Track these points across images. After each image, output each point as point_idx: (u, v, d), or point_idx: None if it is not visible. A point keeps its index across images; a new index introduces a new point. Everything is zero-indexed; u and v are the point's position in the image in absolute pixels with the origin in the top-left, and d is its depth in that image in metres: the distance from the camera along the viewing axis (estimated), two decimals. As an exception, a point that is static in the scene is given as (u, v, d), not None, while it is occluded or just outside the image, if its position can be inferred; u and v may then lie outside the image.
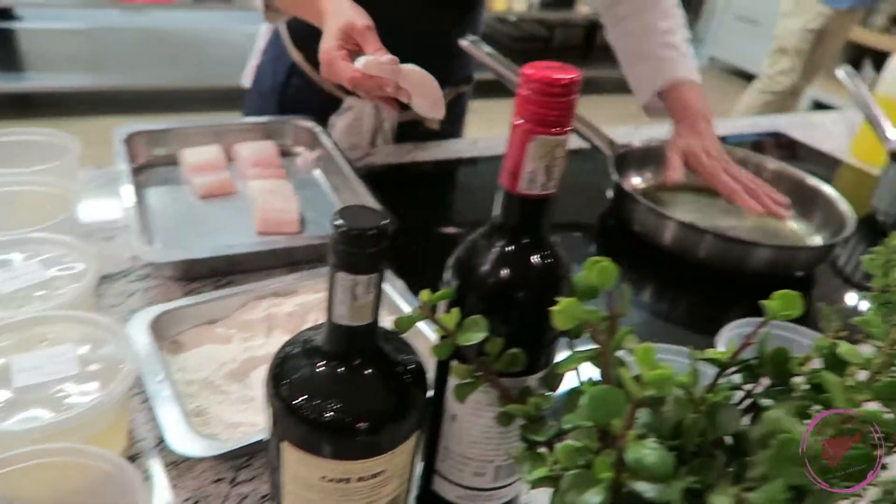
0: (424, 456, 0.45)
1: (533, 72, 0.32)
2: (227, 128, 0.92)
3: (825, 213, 0.94)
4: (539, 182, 0.34)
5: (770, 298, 0.34)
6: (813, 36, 2.85)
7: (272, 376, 0.39)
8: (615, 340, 0.30)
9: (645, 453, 0.26)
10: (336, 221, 0.34)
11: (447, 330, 0.36)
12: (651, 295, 0.86)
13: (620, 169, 0.95)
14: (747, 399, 0.37)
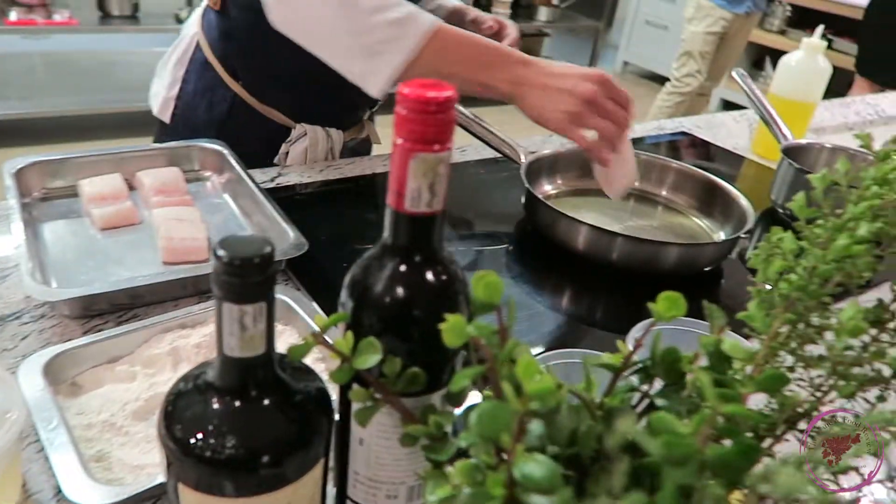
0: (336, 482, 0.44)
1: (409, 91, 0.32)
2: (129, 155, 0.89)
3: (728, 210, 0.98)
4: (424, 200, 0.34)
5: (656, 301, 0.35)
6: (715, 39, 2.99)
7: (164, 416, 0.37)
8: (503, 354, 0.30)
9: (532, 467, 0.26)
10: (218, 252, 0.33)
11: (342, 354, 0.36)
12: (569, 300, 0.87)
13: (532, 177, 0.97)
14: (645, 400, 0.38)
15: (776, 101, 1.22)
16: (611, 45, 5.42)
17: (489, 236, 0.97)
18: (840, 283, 0.37)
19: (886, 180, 0.37)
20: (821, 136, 1.47)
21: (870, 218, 0.37)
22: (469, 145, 1.17)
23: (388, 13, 0.81)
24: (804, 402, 0.36)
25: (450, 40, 0.83)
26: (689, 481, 0.25)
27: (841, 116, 1.63)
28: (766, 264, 0.40)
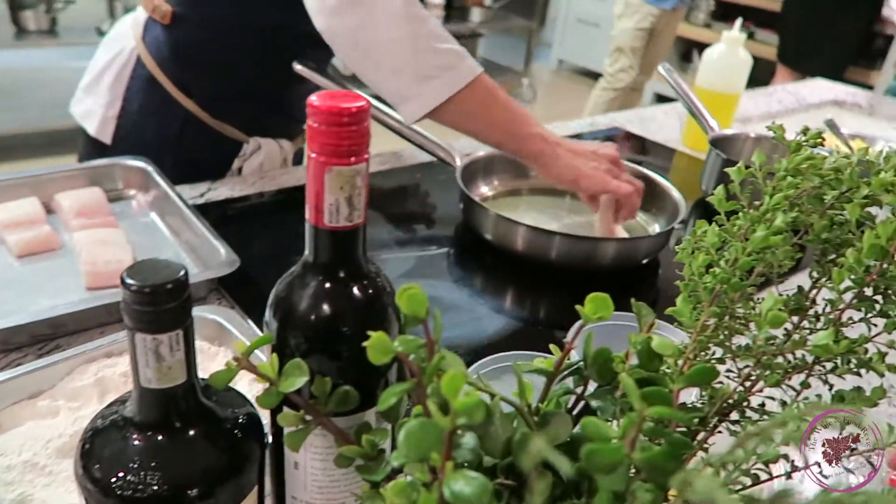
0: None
1: (319, 103, 0.31)
2: (46, 177, 0.85)
3: (661, 202, 1.00)
4: (343, 214, 0.33)
5: (585, 303, 0.35)
6: (645, 34, 3.06)
7: (80, 456, 0.35)
8: (430, 369, 0.29)
9: (461, 485, 0.25)
10: (126, 280, 0.31)
11: (268, 378, 0.34)
12: (512, 301, 0.87)
13: (468, 179, 0.96)
14: (580, 402, 0.38)
15: (702, 94, 1.25)
16: (545, 43, 5.49)
17: (428, 241, 0.96)
18: (762, 274, 0.38)
19: (799, 170, 0.38)
20: (746, 125, 1.52)
21: (786, 208, 0.38)
22: (404, 149, 1.17)
23: (450, 43, 0.82)
24: (734, 394, 0.36)
25: (487, 94, 0.84)
26: (619, 487, 0.25)
27: (765, 105, 1.69)
28: (692, 258, 0.40)
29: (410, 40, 0.79)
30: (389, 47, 0.79)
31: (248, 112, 1.02)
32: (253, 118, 1.02)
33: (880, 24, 3.54)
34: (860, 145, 1.25)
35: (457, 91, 0.81)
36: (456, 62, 0.82)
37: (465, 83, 0.81)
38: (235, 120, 1.01)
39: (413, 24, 0.79)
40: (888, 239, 0.35)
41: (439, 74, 0.80)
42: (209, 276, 0.72)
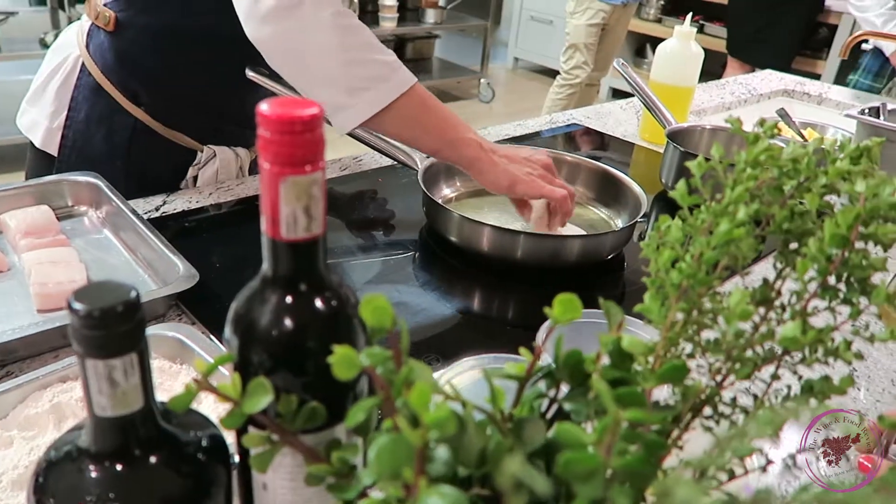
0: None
1: (269, 112, 0.29)
2: (-11, 197, 0.81)
3: (623, 197, 1.00)
4: (301, 225, 0.32)
5: (552, 305, 0.34)
6: (597, 30, 3.10)
7: (34, 491, 0.33)
8: (398, 383, 0.28)
9: (435, 500, 0.24)
10: (74, 305, 0.30)
11: (231, 399, 0.33)
12: (480, 302, 0.87)
13: (430, 181, 0.96)
14: (553, 405, 0.37)
15: (657, 88, 1.27)
16: (501, 42, 5.52)
17: (393, 245, 0.95)
18: (727, 267, 0.38)
19: (758, 162, 0.38)
20: (702, 117, 1.54)
21: (747, 200, 0.38)
22: (364, 154, 1.15)
23: (382, 54, 0.82)
24: (705, 389, 0.36)
25: (421, 102, 0.84)
26: (597, 495, 0.24)
27: (718, 97, 1.72)
28: (657, 254, 0.40)
29: (341, 51, 0.78)
30: (320, 58, 0.78)
31: (201, 120, 0.99)
32: (206, 126, 1.00)
33: (824, 15, 3.64)
34: (812, 133, 1.28)
35: (389, 102, 0.81)
36: (388, 74, 0.81)
37: (397, 95, 0.81)
38: (188, 128, 0.98)
39: (344, 34, 0.78)
40: (848, 227, 0.36)
41: (372, 86, 0.80)
42: (168, 293, 0.70)
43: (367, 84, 0.80)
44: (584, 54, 3.12)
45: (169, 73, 0.94)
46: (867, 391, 0.72)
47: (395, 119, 0.82)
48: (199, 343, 0.63)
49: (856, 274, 0.36)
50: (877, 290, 0.34)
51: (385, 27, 3.92)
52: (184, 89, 0.96)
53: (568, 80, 3.19)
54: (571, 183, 1.07)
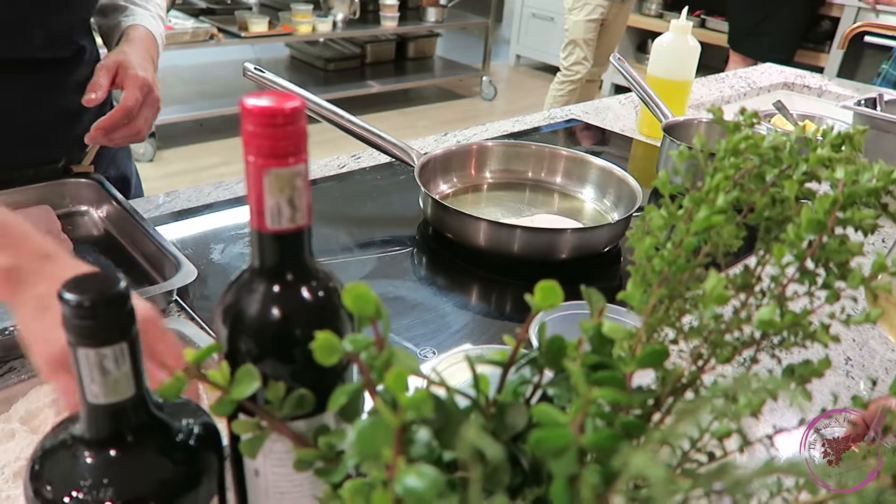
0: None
1: (252, 106, 0.30)
2: (-8, 197, 0.82)
3: (619, 190, 1.01)
4: (285, 216, 0.33)
5: (533, 292, 0.35)
6: (596, 25, 3.09)
7: (30, 479, 0.34)
8: (378, 366, 0.29)
9: (413, 479, 0.25)
10: (65, 295, 0.30)
11: (219, 386, 0.34)
12: (477, 296, 0.87)
13: (427, 177, 0.96)
14: (538, 391, 0.38)
15: (655, 82, 1.27)
16: (503, 40, 5.52)
17: (390, 241, 0.96)
18: (709, 254, 0.38)
19: (738, 150, 0.39)
20: (700, 111, 1.55)
21: (728, 188, 0.39)
22: (363, 151, 1.16)
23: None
24: (685, 374, 0.37)
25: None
26: (569, 470, 0.25)
27: (717, 91, 1.72)
28: (641, 242, 0.40)
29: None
30: None
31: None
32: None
33: (826, 7, 3.63)
34: (809, 125, 1.28)
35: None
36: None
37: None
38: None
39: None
40: (825, 212, 0.36)
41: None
42: (167, 289, 0.71)
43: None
44: (583, 50, 3.12)
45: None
46: (864, 380, 0.72)
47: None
48: (198, 338, 0.64)
49: (834, 258, 0.37)
50: (853, 274, 0.35)
51: (386, 26, 3.92)
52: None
53: (568, 76, 3.20)
54: (569, 177, 1.07)
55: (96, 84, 0.80)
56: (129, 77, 0.82)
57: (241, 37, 3.36)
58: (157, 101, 0.85)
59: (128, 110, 0.80)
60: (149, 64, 0.86)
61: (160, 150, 3.21)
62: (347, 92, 3.76)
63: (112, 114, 0.79)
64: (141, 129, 0.83)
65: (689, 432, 0.25)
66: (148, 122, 0.84)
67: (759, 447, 0.36)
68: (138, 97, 0.81)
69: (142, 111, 0.82)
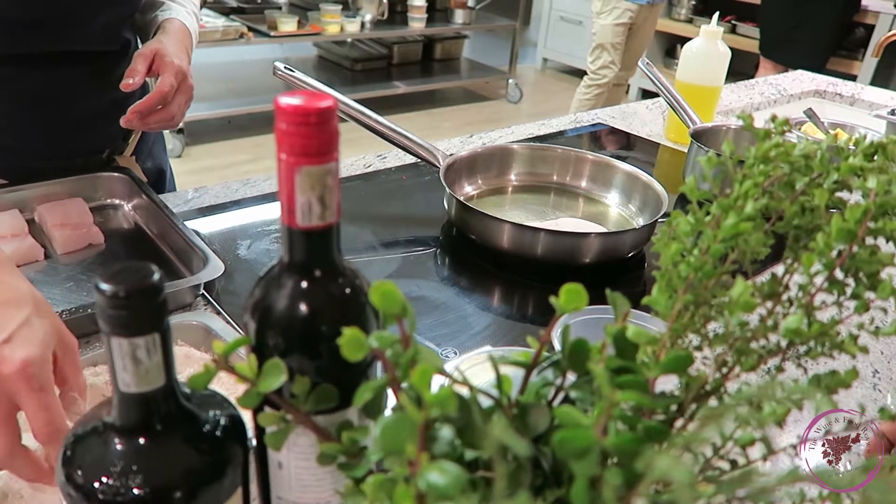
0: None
1: (286, 104, 0.31)
2: (26, 190, 0.84)
3: (645, 196, 1.00)
4: (315, 213, 0.33)
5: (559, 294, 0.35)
6: (624, 30, 3.08)
7: (62, 463, 0.35)
8: (404, 364, 0.29)
9: (436, 476, 0.25)
10: (100, 285, 0.31)
11: (247, 379, 0.34)
12: (499, 298, 0.88)
13: (452, 178, 0.97)
14: (560, 394, 0.38)
15: (683, 88, 1.26)
16: (530, 42, 5.51)
17: (415, 241, 0.96)
18: (735, 261, 0.38)
19: (767, 158, 0.38)
20: (728, 118, 1.53)
21: (757, 195, 0.39)
22: (389, 151, 1.17)
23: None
24: (709, 380, 0.36)
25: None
26: (591, 472, 0.25)
27: (746, 98, 1.70)
28: (667, 248, 0.40)
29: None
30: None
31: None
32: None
33: (860, 15, 3.57)
34: (841, 134, 1.26)
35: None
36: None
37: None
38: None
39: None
40: (856, 222, 0.36)
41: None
42: (195, 283, 0.72)
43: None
44: (610, 54, 3.10)
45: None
46: (892, 393, 0.71)
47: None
48: (223, 331, 0.65)
49: (864, 268, 0.36)
50: (882, 285, 0.34)
51: (414, 27, 3.94)
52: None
53: (595, 80, 3.18)
54: (594, 182, 1.07)
55: (134, 70, 0.83)
56: (165, 64, 0.84)
57: (271, 36, 3.39)
58: (190, 89, 0.87)
59: (163, 95, 0.82)
60: (183, 54, 0.89)
61: (189, 147, 3.25)
62: (374, 92, 3.79)
63: (148, 98, 0.81)
64: (174, 115, 0.85)
65: (712, 438, 0.25)
66: (181, 109, 0.86)
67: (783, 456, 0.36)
68: (173, 83, 0.83)
69: (176, 97, 0.84)
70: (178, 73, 0.84)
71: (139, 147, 0.99)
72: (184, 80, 0.85)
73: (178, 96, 0.84)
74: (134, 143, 0.96)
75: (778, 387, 0.28)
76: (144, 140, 1.00)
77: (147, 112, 0.82)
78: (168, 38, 0.89)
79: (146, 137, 1.01)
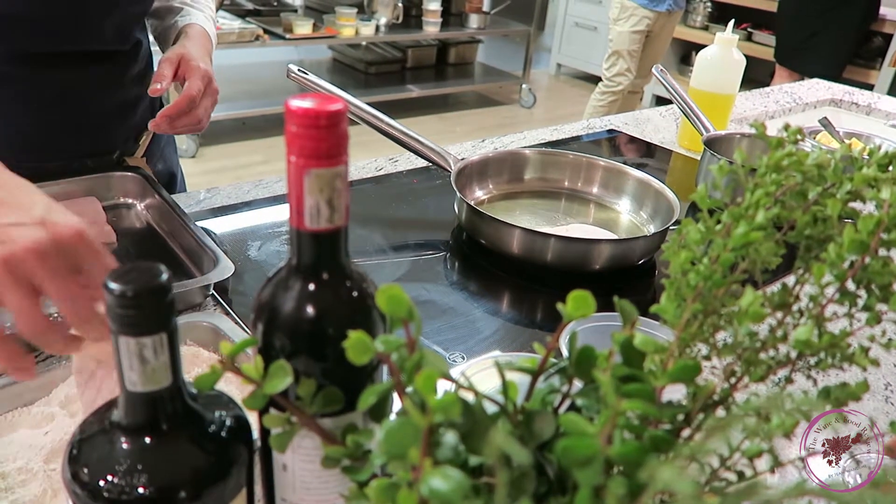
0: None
1: (296, 107, 0.31)
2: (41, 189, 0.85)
3: (657, 203, 1.00)
4: (324, 216, 0.33)
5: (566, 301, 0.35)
6: (641, 37, 3.07)
7: (68, 461, 0.35)
8: (409, 368, 0.29)
9: (439, 481, 0.25)
10: (109, 284, 0.31)
11: (253, 380, 0.34)
12: (508, 303, 0.87)
13: (463, 183, 0.97)
14: (566, 400, 0.38)
15: (697, 95, 1.26)
16: (544, 48, 5.51)
17: (424, 245, 0.96)
18: (746, 270, 0.38)
19: (780, 167, 0.38)
20: (742, 126, 1.52)
21: (769, 204, 0.38)
22: (400, 154, 1.17)
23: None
24: (717, 390, 0.36)
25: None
26: (595, 481, 0.25)
27: (761, 106, 1.69)
28: (676, 256, 0.40)
29: None
30: None
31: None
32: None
33: (878, 24, 3.54)
34: (856, 143, 1.25)
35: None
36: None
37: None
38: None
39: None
40: (869, 233, 0.35)
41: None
42: (205, 283, 0.72)
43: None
44: (627, 61, 3.09)
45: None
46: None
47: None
48: (232, 332, 0.65)
49: (876, 280, 0.36)
50: (894, 297, 0.34)
51: (428, 31, 3.95)
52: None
53: (610, 87, 3.17)
54: (605, 188, 1.07)
55: (161, 75, 0.83)
56: (191, 68, 0.85)
57: (286, 38, 3.41)
58: (216, 93, 0.88)
59: (191, 98, 0.82)
60: (207, 58, 0.90)
61: (202, 147, 3.27)
62: (387, 95, 3.80)
63: (177, 102, 0.82)
64: (201, 119, 0.85)
65: (718, 449, 0.25)
66: (208, 112, 0.87)
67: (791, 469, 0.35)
68: (200, 87, 0.84)
69: (202, 101, 0.85)
70: (204, 77, 0.85)
71: (151, 149, 0.99)
72: (209, 84, 0.86)
73: (204, 100, 0.85)
74: (145, 144, 0.97)
75: (787, 398, 0.28)
76: (156, 142, 1.01)
77: (176, 116, 0.82)
78: (192, 43, 0.90)
79: (158, 140, 1.02)
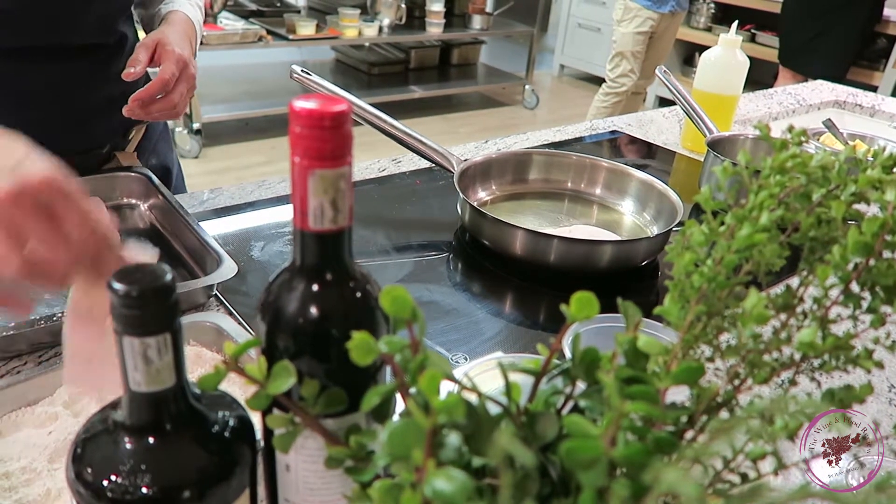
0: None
1: (301, 108, 0.31)
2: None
3: (660, 204, 1.00)
4: (328, 216, 0.33)
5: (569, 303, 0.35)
6: (645, 38, 3.07)
7: (72, 461, 0.35)
8: (412, 369, 0.29)
9: (442, 482, 0.25)
10: (113, 284, 0.32)
11: (256, 380, 0.35)
12: (511, 304, 0.87)
13: (466, 184, 0.97)
14: (569, 402, 0.38)
15: (700, 96, 1.25)
16: (547, 49, 5.51)
17: (428, 246, 0.96)
18: (749, 272, 0.38)
19: (784, 169, 0.38)
20: (746, 127, 1.52)
21: (773, 206, 0.38)
22: (403, 155, 1.17)
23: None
24: (721, 392, 0.36)
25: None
26: (599, 483, 0.25)
27: (765, 107, 1.69)
28: (680, 258, 0.40)
29: None
30: None
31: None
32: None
33: (882, 25, 3.53)
34: (860, 145, 1.25)
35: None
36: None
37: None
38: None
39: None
40: (873, 235, 0.35)
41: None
42: (208, 283, 0.72)
43: None
44: (630, 62, 3.09)
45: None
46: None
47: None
48: (236, 332, 0.65)
49: (881, 282, 0.36)
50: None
51: (432, 32, 3.95)
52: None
53: (613, 88, 3.17)
54: (608, 189, 1.07)
55: (135, 59, 0.82)
56: (166, 52, 0.83)
57: (289, 39, 3.42)
58: (192, 78, 0.86)
59: (164, 83, 0.81)
60: (186, 44, 0.88)
61: (206, 148, 3.28)
62: (390, 96, 3.80)
63: (149, 86, 0.81)
64: (177, 104, 0.84)
65: (722, 451, 0.25)
66: (184, 97, 0.85)
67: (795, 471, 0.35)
68: (174, 71, 0.82)
69: (177, 85, 0.83)
70: (178, 62, 0.83)
71: (143, 144, 0.98)
72: (185, 69, 0.84)
73: (179, 85, 0.83)
74: (136, 139, 0.96)
75: (791, 400, 0.28)
76: (148, 137, 1.00)
77: (149, 100, 0.81)
78: (170, 29, 0.88)
79: (150, 134, 1.01)
